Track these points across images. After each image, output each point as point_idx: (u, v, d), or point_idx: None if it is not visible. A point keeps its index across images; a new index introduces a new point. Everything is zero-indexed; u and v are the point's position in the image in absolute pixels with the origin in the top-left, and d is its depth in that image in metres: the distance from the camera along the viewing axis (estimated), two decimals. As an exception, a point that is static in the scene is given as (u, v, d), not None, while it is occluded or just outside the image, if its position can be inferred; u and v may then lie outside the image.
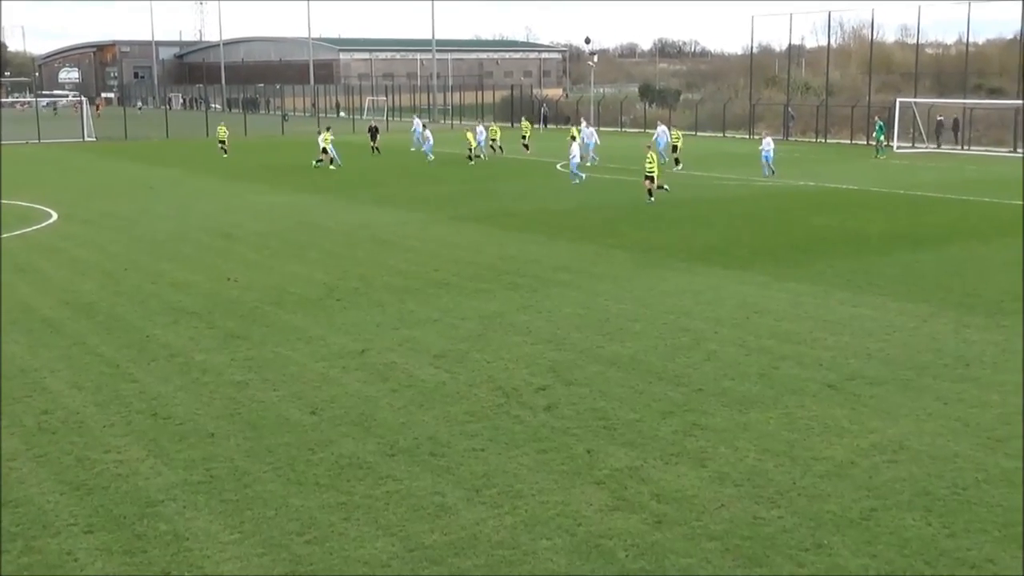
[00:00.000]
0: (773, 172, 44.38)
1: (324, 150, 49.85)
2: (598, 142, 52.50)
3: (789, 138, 71.46)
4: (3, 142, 70.19)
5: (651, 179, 34.99)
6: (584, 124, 55.59)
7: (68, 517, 10.23)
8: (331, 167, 48.97)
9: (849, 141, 68.09)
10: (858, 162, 53.05)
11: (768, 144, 45.24)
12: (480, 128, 58.19)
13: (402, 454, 11.89)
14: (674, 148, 49.42)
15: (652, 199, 34.75)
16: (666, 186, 36.84)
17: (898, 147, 61.02)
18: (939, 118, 64.30)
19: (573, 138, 50.89)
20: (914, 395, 13.97)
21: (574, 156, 42.21)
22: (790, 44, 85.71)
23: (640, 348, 16.50)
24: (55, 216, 32.88)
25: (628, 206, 34.70)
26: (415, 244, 26.83)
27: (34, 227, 30.50)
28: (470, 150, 53.28)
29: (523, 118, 59.86)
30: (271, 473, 11.35)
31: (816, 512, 10.23)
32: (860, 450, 11.92)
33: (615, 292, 20.76)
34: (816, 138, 70.88)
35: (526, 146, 57.14)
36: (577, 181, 41.13)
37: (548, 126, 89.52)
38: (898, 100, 63.37)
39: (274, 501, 10.58)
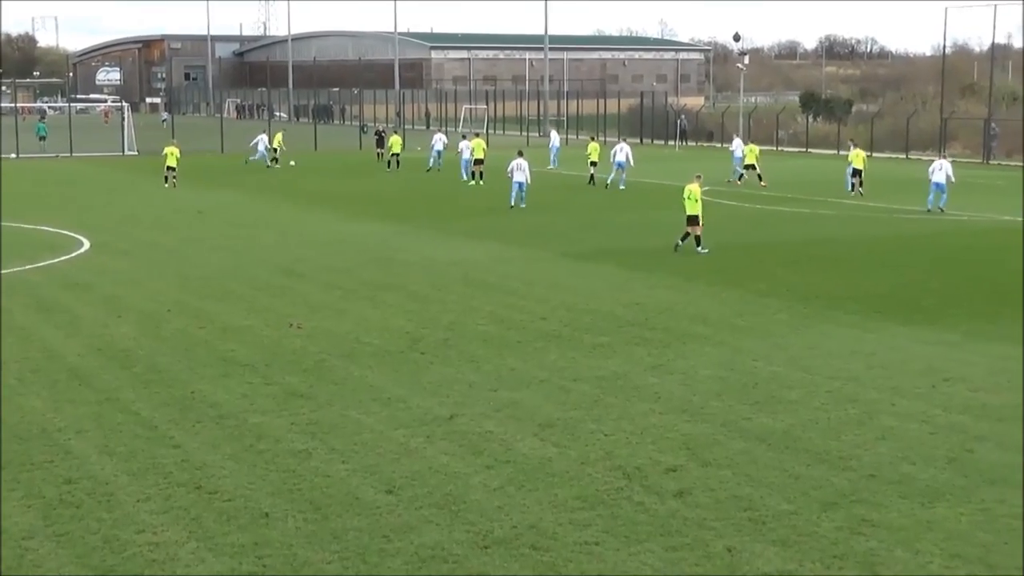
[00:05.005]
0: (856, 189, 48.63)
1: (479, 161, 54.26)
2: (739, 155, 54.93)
3: (990, 161, 70.25)
4: (28, 156, 72.53)
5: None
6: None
7: (92, 610, 10.44)
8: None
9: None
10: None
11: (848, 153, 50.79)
12: (440, 136, 63.20)
13: (497, 546, 11.90)
14: (749, 167, 53.28)
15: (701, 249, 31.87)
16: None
17: None
18: None
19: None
20: None
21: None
22: (993, 43, 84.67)
23: (796, 422, 16.31)
24: (87, 245, 33.83)
25: (783, 244, 34.41)
26: (517, 286, 26.97)
27: (62, 257, 31.41)
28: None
29: (590, 138, 59.07)
30: (337, 564, 11.45)
31: (1020, 636, 9.97)
32: (1078, 559, 11.60)
33: (766, 351, 20.58)
34: (1026, 161, 69.53)
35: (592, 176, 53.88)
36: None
37: (687, 143, 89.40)
38: None
39: (339, 599, 10.66)
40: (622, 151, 52.83)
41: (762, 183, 52.15)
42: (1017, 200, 46.97)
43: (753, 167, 53.24)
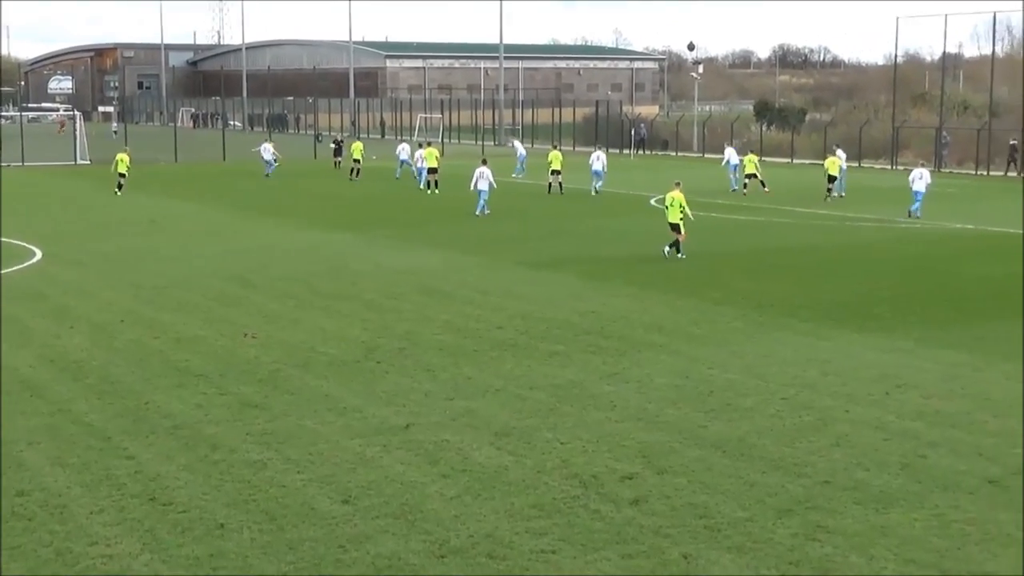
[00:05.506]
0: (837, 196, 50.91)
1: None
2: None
3: (942, 169, 70.87)
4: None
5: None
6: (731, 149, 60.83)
7: (45, 623, 10.36)
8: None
9: (1017, 173, 67.35)
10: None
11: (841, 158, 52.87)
12: (404, 146, 63.65)
13: (453, 555, 11.88)
14: (751, 176, 54.20)
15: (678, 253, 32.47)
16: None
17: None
18: None
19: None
20: (1100, 495, 13.70)
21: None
22: (944, 52, 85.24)
23: (752, 429, 16.38)
24: (39, 255, 33.56)
25: (738, 253, 34.57)
26: (473, 295, 26.97)
27: (13, 268, 31.13)
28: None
29: (551, 147, 61.15)
30: (293, 575, 11.39)
31: (973, 641, 10.04)
32: (1030, 563, 11.70)
33: (721, 359, 20.66)
34: (976, 170, 70.21)
35: (560, 184, 53.68)
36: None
37: (644, 151, 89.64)
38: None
39: (295, 610, 10.62)
40: (599, 160, 53.88)
41: (765, 189, 53.12)
42: (969, 208, 47.46)
43: (755, 176, 54.15)
